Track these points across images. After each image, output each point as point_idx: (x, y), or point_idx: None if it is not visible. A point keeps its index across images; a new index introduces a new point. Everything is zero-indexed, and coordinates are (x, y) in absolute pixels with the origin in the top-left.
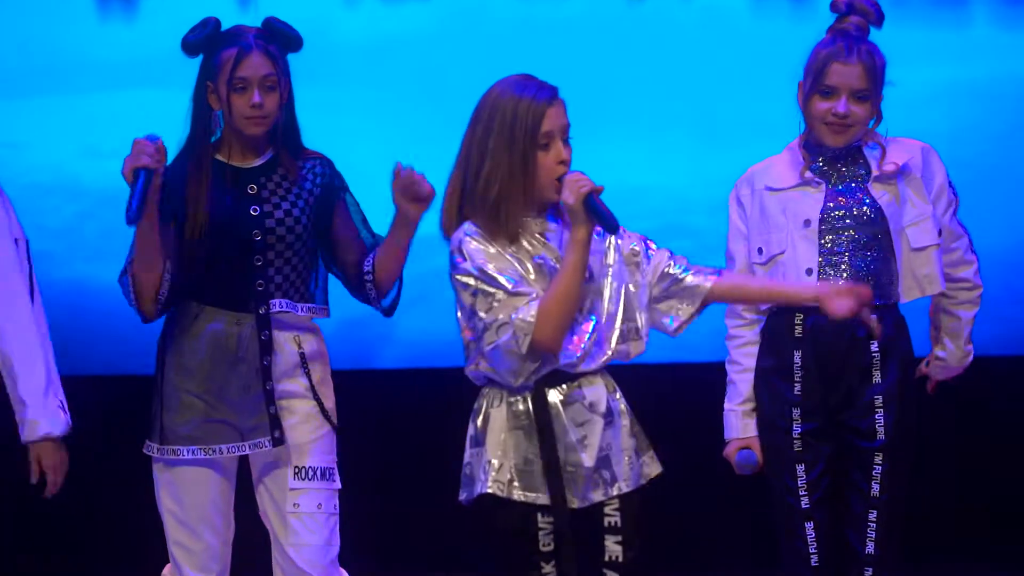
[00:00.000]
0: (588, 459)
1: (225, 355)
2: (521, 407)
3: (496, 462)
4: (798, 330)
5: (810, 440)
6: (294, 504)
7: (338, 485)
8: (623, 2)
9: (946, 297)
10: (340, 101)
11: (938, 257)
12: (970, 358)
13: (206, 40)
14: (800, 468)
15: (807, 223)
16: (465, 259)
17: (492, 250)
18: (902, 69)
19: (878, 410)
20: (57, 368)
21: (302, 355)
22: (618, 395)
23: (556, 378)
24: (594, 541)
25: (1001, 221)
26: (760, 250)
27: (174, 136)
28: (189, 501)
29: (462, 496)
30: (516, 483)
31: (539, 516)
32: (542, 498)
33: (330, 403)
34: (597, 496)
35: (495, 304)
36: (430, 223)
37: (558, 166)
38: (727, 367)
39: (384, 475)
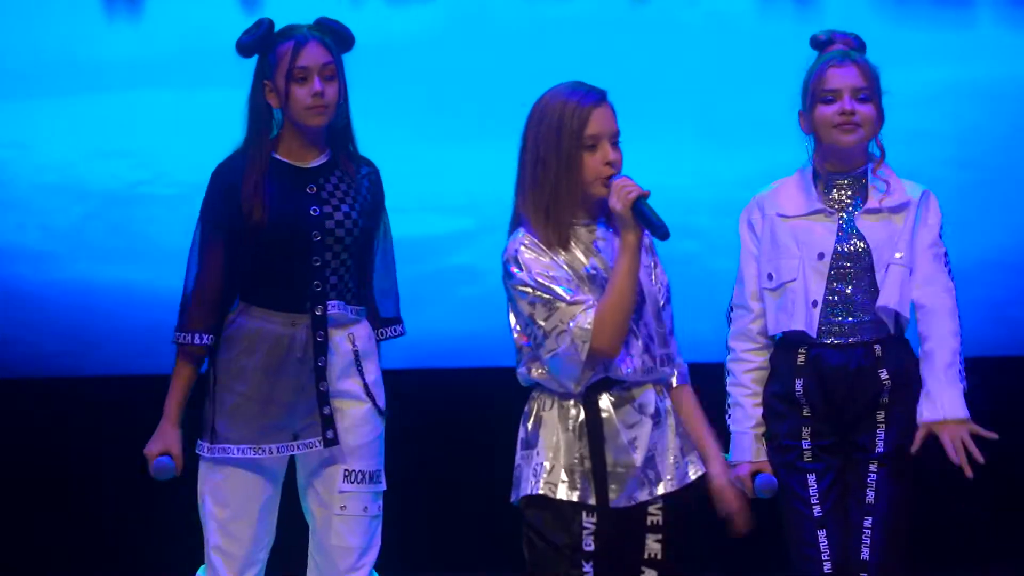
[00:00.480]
0: (639, 459)
1: (279, 356)
2: (572, 411)
3: (548, 464)
4: (800, 358)
5: (820, 452)
6: (341, 507)
7: (383, 487)
8: (628, 3)
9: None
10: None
11: (905, 278)
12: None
13: (261, 40)
14: (811, 478)
15: (821, 256)
16: (521, 269)
17: (546, 259)
18: (906, 69)
19: (880, 425)
20: None
21: (356, 353)
22: (667, 397)
23: (608, 383)
24: (635, 539)
25: (1005, 222)
26: (771, 276)
27: (183, 135)
28: (236, 503)
29: (512, 496)
30: (566, 483)
31: (583, 516)
32: (589, 499)
33: (382, 398)
34: (643, 496)
35: (553, 313)
36: (425, 224)
37: (604, 167)
38: (730, 390)
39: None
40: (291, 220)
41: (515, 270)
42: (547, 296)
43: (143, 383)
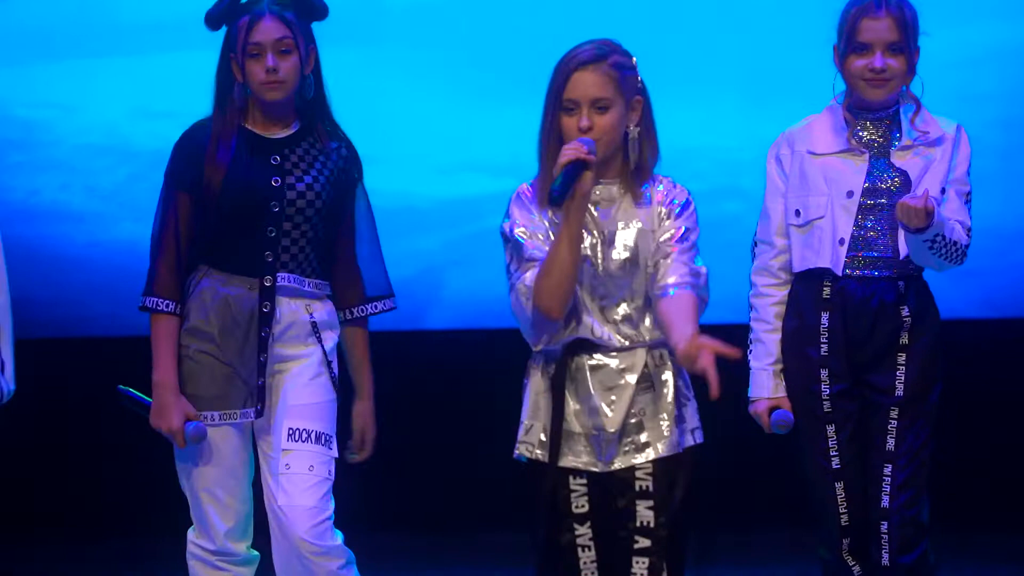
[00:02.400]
0: (612, 424)
1: (228, 317)
2: (553, 371)
3: (527, 423)
4: (826, 291)
5: (839, 401)
6: (285, 465)
7: (334, 453)
8: None
9: None
10: (378, 61)
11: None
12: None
13: (226, 11)
14: (830, 429)
15: (850, 194)
16: (508, 217)
17: (533, 215)
18: (951, 31)
19: (900, 367)
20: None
21: (314, 323)
22: (666, 368)
23: (588, 345)
24: (626, 505)
25: None
26: (798, 212)
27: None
28: (210, 460)
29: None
30: (544, 444)
31: (571, 478)
32: (574, 460)
33: (336, 374)
34: (627, 460)
35: (519, 267)
36: (469, 185)
37: (577, 132)
38: (753, 325)
39: (433, 434)
40: (249, 189)
41: (505, 218)
42: (517, 249)
43: None
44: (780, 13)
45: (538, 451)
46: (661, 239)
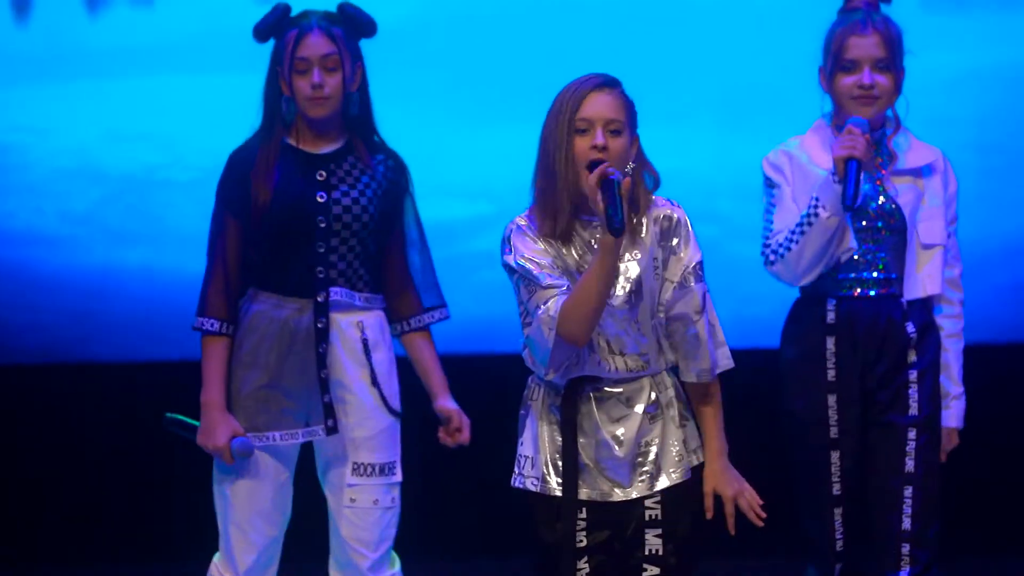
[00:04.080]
0: (623, 453)
1: (286, 342)
2: (559, 403)
3: (528, 456)
4: (831, 316)
5: (846, 426)
6: (351, 499)
7: (398, 479)
8: None
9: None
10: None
11: (943, 259)
12: (962, 406)
13: (274, 25)
14: (835, 455)
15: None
16: (510, 251)
17: (537, 244)
18: (927, 56)
19: (912, 385)
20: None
21: (364, 341)
22: (668, 389)
23: (592, 377)
24: (635, 534)
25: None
26: None
27: (201, 119)
28: (247, 489)
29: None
30: (552, 477)
31: (575, 512)
32: (580, 493)
33: (393, 390)
34: (638, 490)
35: (532, 295)
36: (444, 209)
37: (591, 151)
38: (790, 238)
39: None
40: (296, 205)
41: (506, 250)
42: (528, 278)
43: (161, 369)
44: (754, 34)
45: (546, 483)
46: (669, 275)
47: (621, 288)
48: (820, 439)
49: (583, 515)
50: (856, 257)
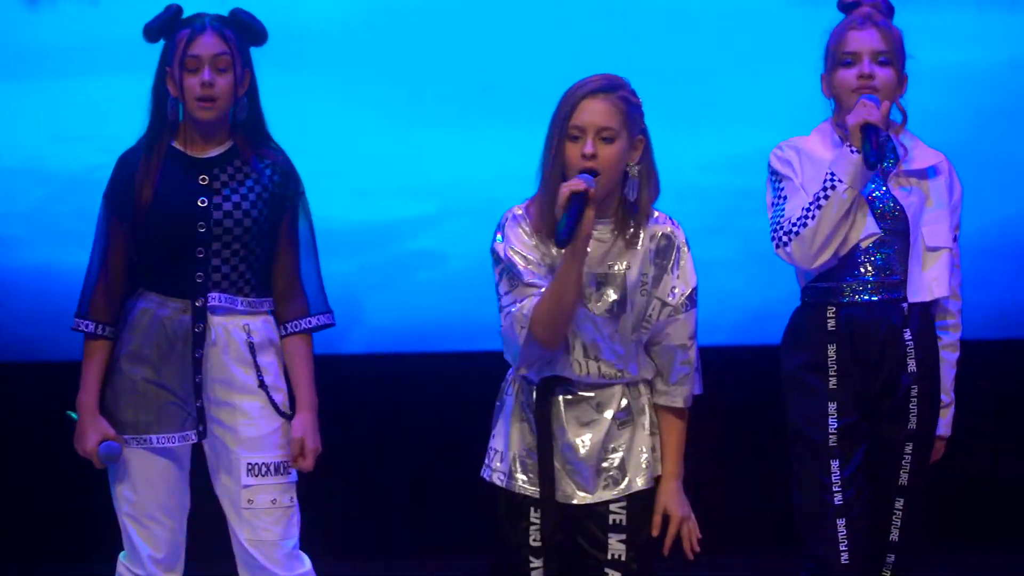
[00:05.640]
0: (589, 458)
1: (166, 340)
2: (532, 398)
3: (498, 450)
4: (831, 324)
5: (847, 435)
6: (248, 500)
7: (294, 478)
8: None
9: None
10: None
11: (948, 262)
12: (951, 415)
13: (164, 25)
14: (835, 464)
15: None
16: (503, 238)
17: (530, 240)
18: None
19: (913, 399)
20: None
21: (251, 344)
22: (641, 396)
23: (565, 380)
24: (598, 538)
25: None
26: None
27: (137, 122)
28: (140, 485)
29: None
30: (519, 474)
31: (531, 510)
32: (538, 492)
33: (282, 394)
34: (605, 494)
35: (511, 290)
36: (388, 209)
37: (580, 160)
38: (814, 206)
39: (353, 460)
40: (177, 209)
41: (498, 236)
42: (511, 272)
43: None
44: (697, 36)
45: (512, 479)
46: (659, 294)
47: (606, 296)
48: (822, 447)
49: (538, 514)
50: (862, 257)
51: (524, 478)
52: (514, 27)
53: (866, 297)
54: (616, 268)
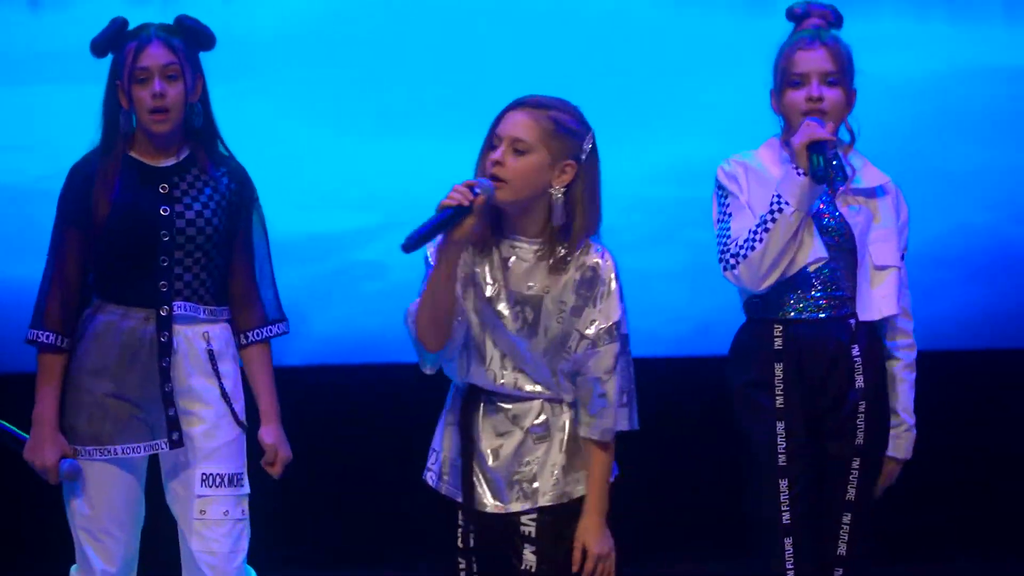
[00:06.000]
0: (500, 469)
1: (129, 351)
2: (458, 403)
3: (436, 451)
4: (778, 342)
5: (795, 455)
6: (200, 511)
7: (246, 490)
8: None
9: (889, 357)
10: (235, 94)
11: (897, 281)
12: (912, 438)
13: (111, 39)
14: (783, 483)
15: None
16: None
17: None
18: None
19: (860, 415)
20: None
21: (210, 352)
22: (563, 414)
23: (486, 389)
24: (512, 546)
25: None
26: None
27: (83, 132)
28: (96, 498)
29: None
30: (446, 476)
31: (459, 513)
32: (456, 496)
33: (240, 404)
34: (515, 506)
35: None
36: (330, 220)
37: (489, 165)
38: (763, 229)
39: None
40: (139, 219)
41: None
42: (426, 271)
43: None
44: (641, 45)
45: (441, 480)
46: (579, 326)
47: (521, 316)
48: (770, 466)
49: (463, 519)
50: (810, 271)
51: (450, 481)
52: (454, 39)
53: (813, 314)
54: (535, 290)
